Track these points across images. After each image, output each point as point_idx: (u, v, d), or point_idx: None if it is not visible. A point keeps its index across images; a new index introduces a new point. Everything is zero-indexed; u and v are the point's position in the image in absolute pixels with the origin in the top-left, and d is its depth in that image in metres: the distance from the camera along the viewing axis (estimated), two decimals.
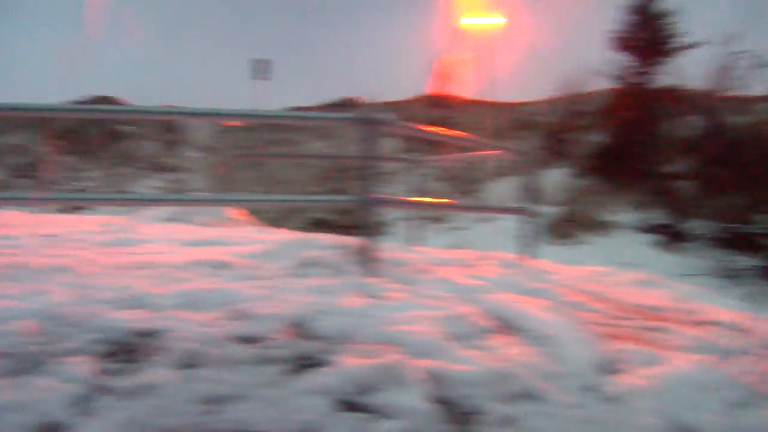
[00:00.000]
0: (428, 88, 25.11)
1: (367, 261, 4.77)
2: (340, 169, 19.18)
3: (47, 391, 2.77)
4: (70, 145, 20.81)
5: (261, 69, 23.79)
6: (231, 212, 9.33)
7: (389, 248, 5.37)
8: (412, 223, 9.08)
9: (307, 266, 4.64)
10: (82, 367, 2.93)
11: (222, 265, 4.69)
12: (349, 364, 2.96)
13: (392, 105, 22.44)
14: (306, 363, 3.02)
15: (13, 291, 3.91)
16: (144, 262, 4.87)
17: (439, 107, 22.73)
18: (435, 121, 16.31)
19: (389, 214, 14.52)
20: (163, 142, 21.01)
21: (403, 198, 6.43)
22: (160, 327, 3.26)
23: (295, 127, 20.24)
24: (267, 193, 16.84)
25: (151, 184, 18.37)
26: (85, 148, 20.66)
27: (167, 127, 21.24)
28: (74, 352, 3.06)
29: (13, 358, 3.03)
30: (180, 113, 6.03)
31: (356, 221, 4.93)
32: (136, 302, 3.66)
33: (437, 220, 17.21)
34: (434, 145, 14.71)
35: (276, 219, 12.44)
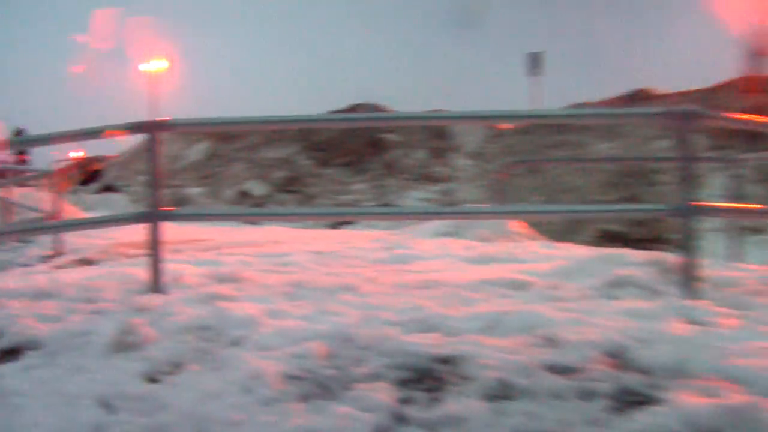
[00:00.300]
0: (738, 70, 23.53)
1: (687, 280, 4.52)
2: (630, 173, 18.55)
3: (346, 419, 2.94)
4: (332, 157, 22.20)
5: (534, 63, 23.83)
6: (511, 225, 9.37)
7: (708, 265, 5.07)
8: (726, 234, 8.53)
9: (616, 286, 4.51)
10: (380, 394, 3.07)
11: (516, 285, 4.71)
12: (686, 403, 2.80)
13: (692, 94, 21.33)
14: (632, 399, 2.91)
15: (300, 311, 4.23)
16: (428, 281, 5.03)
17: (755, 92, 21.17)
18: (750, 110, 15.20)
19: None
20: (430, 150, 21.70)
21: (730, 205, 6.04)
22: (460, 353, 3.32)
23: (577, 127, 19.90)
24: (548, 202, 16.73)
25: (418, 196, 19.04)
26: (348, 159, 21.94)
27: (434, 134, 21.88)
28: (369, 378, 3.22)
29: (308, 382, 3.25)
30: (447, 118, 6.20)
31: (668, 234, 4.71)
32: (428, 325, 3.77)
33: (757, 230, 15.99)
34: (752, 138, 13.75)
35: (559, 232, 12.29)
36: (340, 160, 22.05)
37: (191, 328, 3.95)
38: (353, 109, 24.73)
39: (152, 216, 4.97)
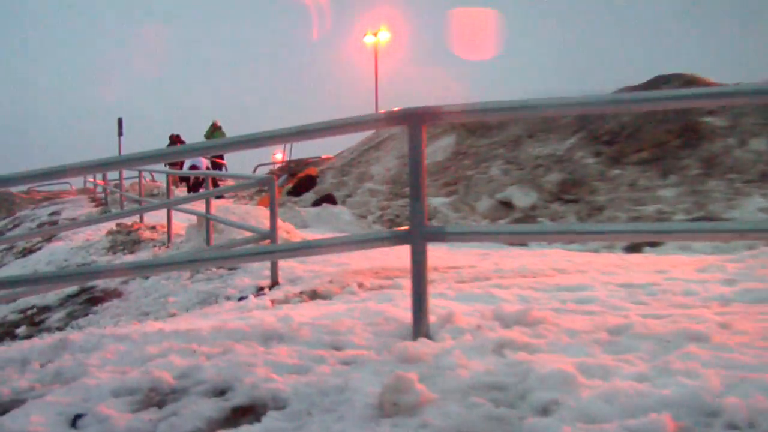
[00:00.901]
0: None
1: None
2: None
3: None
4: (626, 152, 21.78)
5: None
6: None
7: None
8: None
9: None
10: None
11: None
12: None
13: None
14: None
15: (630, 368, 4.10)
16: None
17: None
18: None
19: None
20: None
21: None
22: None
23: None
24: None
25: (759, 205, 18.14)
26: (649, 154, 21.40)
27: None
28: None
29: None
30: None
31: None
32: None
33: None
34: None
35: None
36: (638, 156, 21.53)
37: (479, 387, 3.94)
38: (656, 83, 24.17)
39: (416, 235, 4.93)
